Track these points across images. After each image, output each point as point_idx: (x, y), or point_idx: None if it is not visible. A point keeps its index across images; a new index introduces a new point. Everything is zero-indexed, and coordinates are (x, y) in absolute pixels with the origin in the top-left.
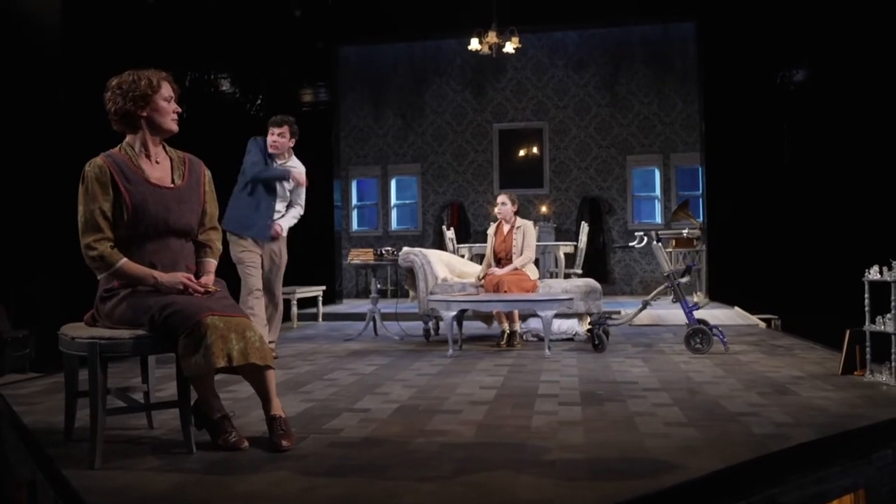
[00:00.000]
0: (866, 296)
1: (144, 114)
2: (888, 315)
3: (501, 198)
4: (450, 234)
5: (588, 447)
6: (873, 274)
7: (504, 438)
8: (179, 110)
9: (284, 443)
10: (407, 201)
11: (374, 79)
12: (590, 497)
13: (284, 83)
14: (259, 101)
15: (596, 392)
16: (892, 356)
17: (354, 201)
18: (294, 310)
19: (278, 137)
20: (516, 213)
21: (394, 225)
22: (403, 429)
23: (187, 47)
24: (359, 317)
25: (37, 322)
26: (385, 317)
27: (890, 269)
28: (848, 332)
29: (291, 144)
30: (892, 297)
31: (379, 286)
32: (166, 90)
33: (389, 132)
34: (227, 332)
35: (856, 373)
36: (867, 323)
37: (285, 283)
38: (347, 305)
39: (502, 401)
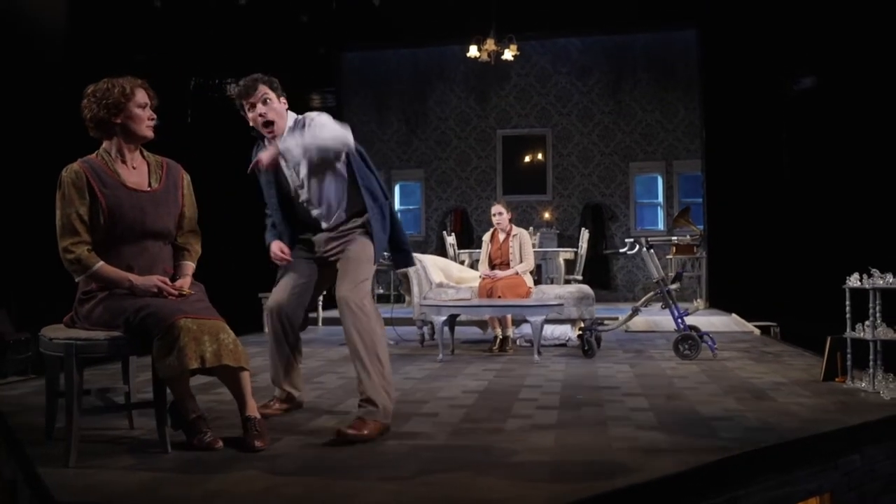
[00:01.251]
0: (847, 303)
1: (119, 121)
2: (867, 322)
3: (497, 208)
4: (450, 239)
5: (555, 450)
6: (853, 281)
7: (474, 441)
8: (154, 117)
9: (258, 443)
10: (410, 207)
11: (378, 84)
12: (542, 497)
13: (288, 88)
14: None
15: (576, 396)
16: (871, 363)
17: None
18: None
19: (259, 108)
20: (510, 221)
21: None
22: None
23: (192, 52)
24: None
25: (39, 324)
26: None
27: (870, 276)
28: (829, 338)
29: (284, 105)
30: (870, 305)
31: (382, 290)
32: (141, 97)
33: (393, 138)
34: (199, 334)
35: (837, 379)
36: (847, 330)
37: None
38: None
39: (481, 404)
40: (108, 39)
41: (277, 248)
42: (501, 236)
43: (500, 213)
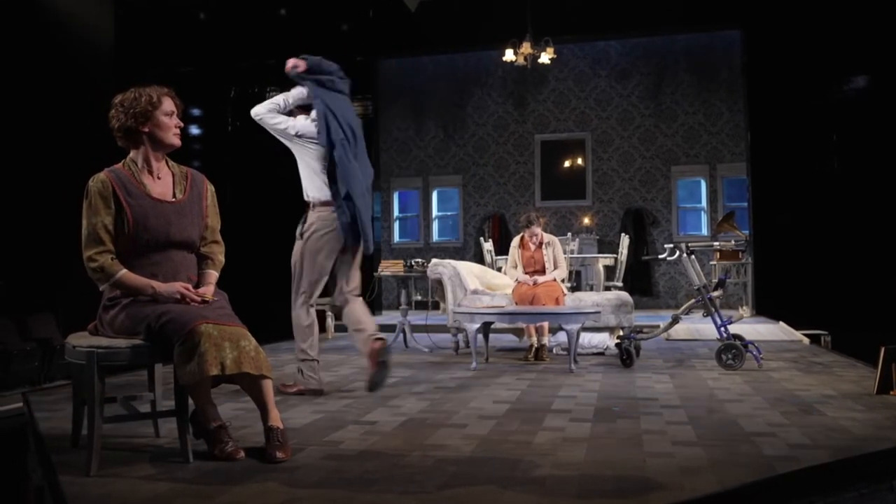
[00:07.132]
0: None
1: (146, 129)
2: None
3: (535, 230)
4: (488, 245)
5: (585, 465)
6: None
7: (501, 454)
8: (181, 125)
9: (279, 454)
10: (448, 213)
11: (416, 91)
12: None
13: None
14: None
15: (611, 408)
16: None
17: (396, 213)
18: (329, 321)
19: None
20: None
21: (435, 237)
22: (403, 443)
23: (233, 62)
24: (393, 328)
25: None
26: (416, 328)
27: None
28: (883, 348)
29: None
30: None
31: (420, 297)
32: (168, 105)
33: (431, 144)
34: (220, 341)
35: (892, 392)
36: None
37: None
38: (386, 317)
39: (512, 416)
40: (154, 53)
41: None
42: (532, 245)
43: (536, 235)
